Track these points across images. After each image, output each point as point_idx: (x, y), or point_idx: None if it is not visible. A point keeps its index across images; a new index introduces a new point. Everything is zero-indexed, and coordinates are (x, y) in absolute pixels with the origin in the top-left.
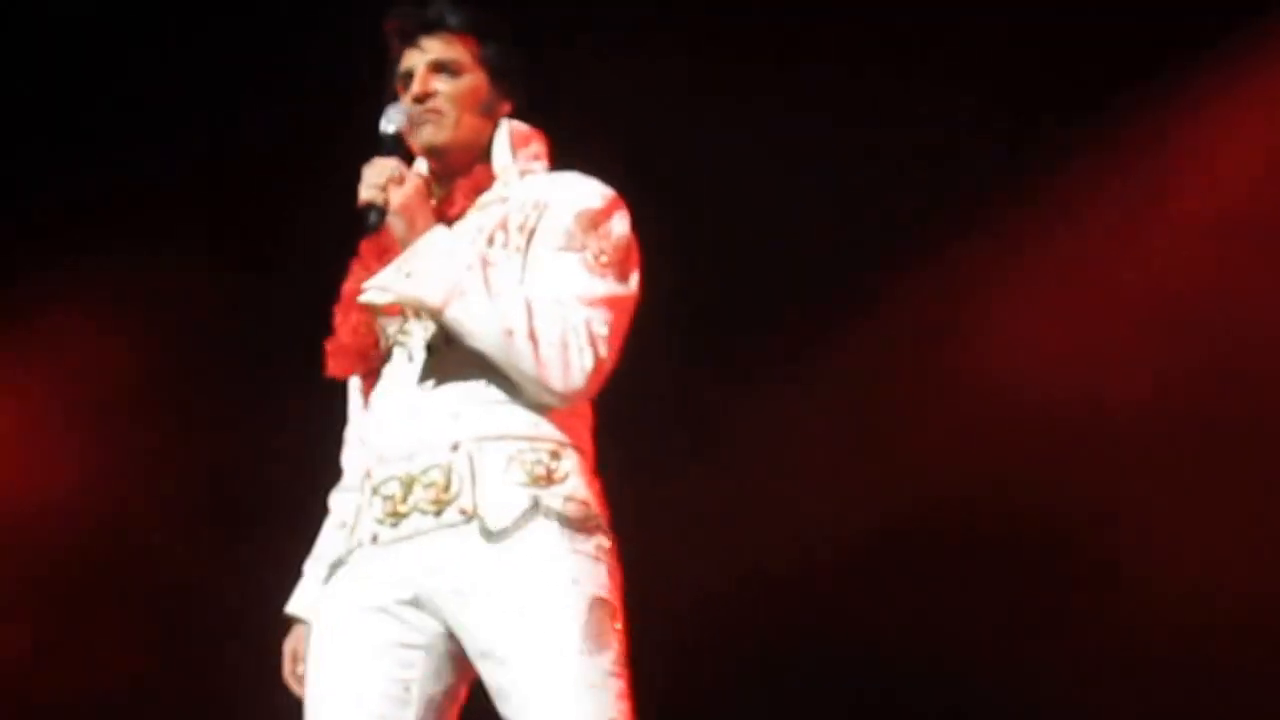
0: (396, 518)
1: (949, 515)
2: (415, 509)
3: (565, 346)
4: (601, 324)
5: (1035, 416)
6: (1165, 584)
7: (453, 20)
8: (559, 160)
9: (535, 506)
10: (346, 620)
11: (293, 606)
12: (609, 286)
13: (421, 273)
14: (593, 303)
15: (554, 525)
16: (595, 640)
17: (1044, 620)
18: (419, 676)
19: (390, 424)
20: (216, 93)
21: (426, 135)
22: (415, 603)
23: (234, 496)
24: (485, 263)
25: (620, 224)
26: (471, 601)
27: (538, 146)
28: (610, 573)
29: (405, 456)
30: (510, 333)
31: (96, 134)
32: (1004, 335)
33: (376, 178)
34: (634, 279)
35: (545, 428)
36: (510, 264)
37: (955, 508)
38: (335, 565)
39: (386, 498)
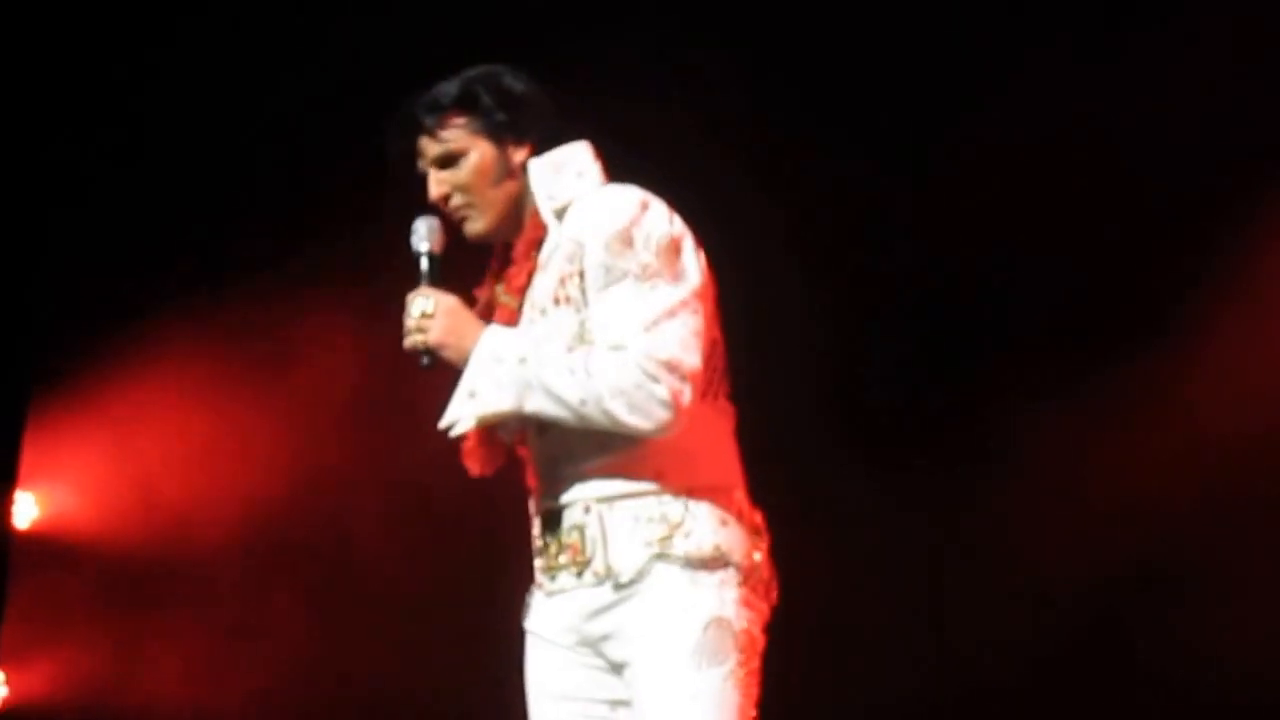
0: (551, 572)
1: None
2: (562, 567)
3: (638, 388)
4: (661, 348)
5: None
6: None
7: (429, 118)
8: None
9: (658, 556)
10: (548, 676)
11: None
12: (661, 297)
13: (483, 389)
14: (649, 327)
15: (675, 568)
16: (707, 655)
17: None
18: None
19: (534, 488)
20: None
21: (468, 231)
22: (586, 648)
23: None
24: (538, 343)
25: (654, 224)
26: (613, 646)
27: (578, 163)
28: (742, 598)
29: (549, 517)
30: (583, 403)
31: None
32: None
33: (409, 322)
34: (689, 269)
35: (673, 475)
36: (571, 324)
37: None
38: (526, 608)
39: (542, 552)
